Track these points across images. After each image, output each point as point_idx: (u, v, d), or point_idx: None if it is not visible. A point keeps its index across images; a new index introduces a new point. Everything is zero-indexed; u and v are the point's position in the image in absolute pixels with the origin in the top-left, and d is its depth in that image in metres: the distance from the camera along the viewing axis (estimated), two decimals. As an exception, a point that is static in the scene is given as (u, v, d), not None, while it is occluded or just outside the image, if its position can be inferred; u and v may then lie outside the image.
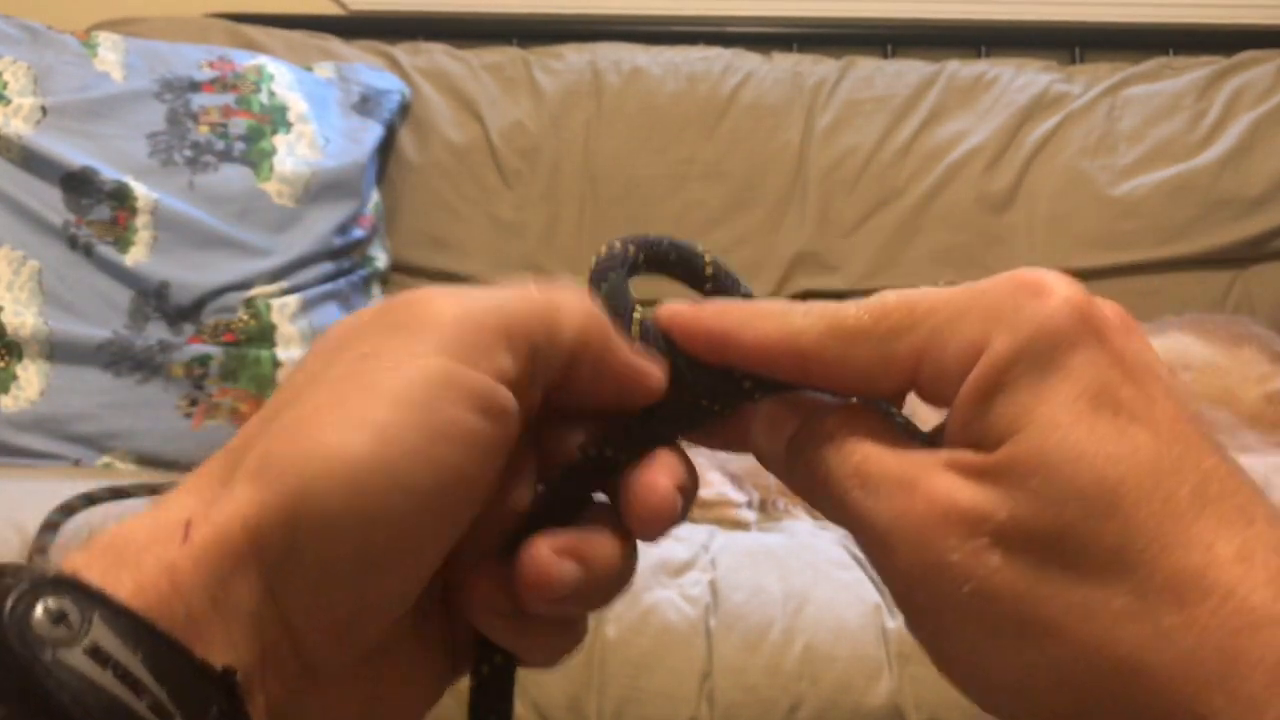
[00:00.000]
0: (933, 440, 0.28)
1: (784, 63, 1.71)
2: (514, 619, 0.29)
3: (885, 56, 1.78)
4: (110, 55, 1.49)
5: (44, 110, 1.42)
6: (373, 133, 1.57)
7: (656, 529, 0.30)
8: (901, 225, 1.62)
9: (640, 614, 0.91)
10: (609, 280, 0.31)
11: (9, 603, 0.22)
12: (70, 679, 0.21)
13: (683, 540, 1.00)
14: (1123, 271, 1.58)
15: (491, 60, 1.71)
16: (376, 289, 1.56)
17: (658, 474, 0.30)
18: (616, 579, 0.30)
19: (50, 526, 0.92)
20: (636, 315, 0.31)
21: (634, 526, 0.30)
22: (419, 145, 1.65)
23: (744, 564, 0.97)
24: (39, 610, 0.22)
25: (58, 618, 0.22)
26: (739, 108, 1.67)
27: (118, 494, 1.00)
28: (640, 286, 0.31)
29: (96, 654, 0.22)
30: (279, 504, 0.25)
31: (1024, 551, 0.24)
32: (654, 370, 0.30)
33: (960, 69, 1.70)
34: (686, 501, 0.30)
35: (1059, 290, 0.25)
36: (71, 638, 0.22)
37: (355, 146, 1.54)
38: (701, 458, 0.32)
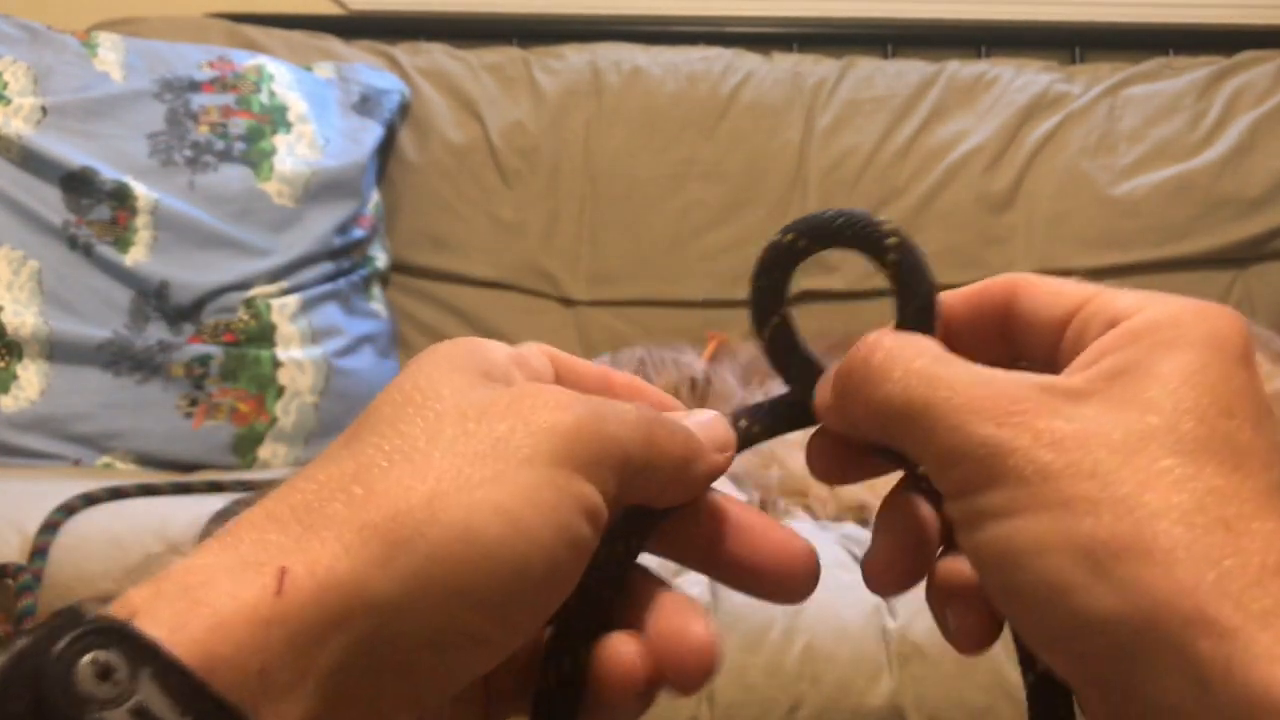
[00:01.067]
0: None
1: (784, 63, 1.71)
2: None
3: (885, 56, 1.78)
4: (110, 55, 1.49)
5: (44, 110, 1.42)
6: (373, 133, 1.57)
7: (805, 592, 0.31)
8: (901, 225, 1.62)
9: (640, 614, 0.91)
10: (763, 279, 0.33)
11: (55, 653, 0.21)
12: None
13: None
14: (1123, 271, 1.58)
15: (491, 60, 1.71)
16: (376, 289, 1.56)
17: (786, 531, 0.31)
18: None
19: (50, 526, 0.92)
20: (775, 320, 0.32)
21: (778, 598, 0.31)
22: (419, 145, 1.65)
23: (744, 564, 0.97)
24: (84, 662, 0.21)
25: (104, 673, 0.21)
26: (739, 108, 1.66)
27: (117, 494, 1.00)
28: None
29: (141, 715, 0.21)
30: (403, 572, 0.24)
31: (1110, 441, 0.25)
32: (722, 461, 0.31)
33: (960, 69, 1.70)
34: None
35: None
36: (118, 696, 0.21)
37: (355, 146, 1.54)
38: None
